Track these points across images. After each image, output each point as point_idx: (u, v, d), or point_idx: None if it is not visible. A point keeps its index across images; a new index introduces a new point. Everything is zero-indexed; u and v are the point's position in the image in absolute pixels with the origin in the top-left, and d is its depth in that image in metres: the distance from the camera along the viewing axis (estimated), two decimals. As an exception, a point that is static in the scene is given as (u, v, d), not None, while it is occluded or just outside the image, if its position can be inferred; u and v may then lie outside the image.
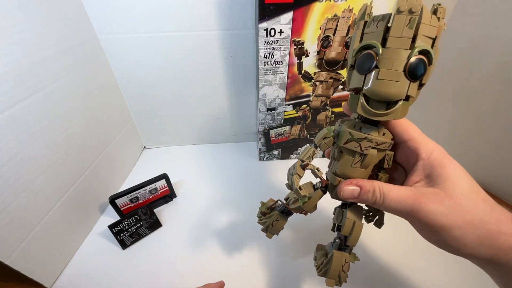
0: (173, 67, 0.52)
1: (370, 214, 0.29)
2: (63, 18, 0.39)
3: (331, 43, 0.44)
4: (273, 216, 0.31)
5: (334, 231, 0.29)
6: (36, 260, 0.34)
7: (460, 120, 0.53)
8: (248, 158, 0.63)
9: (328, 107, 0.53)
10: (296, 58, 0.46)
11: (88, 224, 0.45)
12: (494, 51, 0.45)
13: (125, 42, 0.48)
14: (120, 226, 0.40)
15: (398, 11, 0.18)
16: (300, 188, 0.26)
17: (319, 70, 0.47)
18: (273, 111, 0.53)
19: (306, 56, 0.45)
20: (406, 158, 0.25)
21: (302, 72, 0.47)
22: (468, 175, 0.22)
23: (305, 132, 0.57)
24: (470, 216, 0.20)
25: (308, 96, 0.51)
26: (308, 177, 0.28)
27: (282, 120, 0.54)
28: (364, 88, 0.20)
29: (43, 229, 0.35)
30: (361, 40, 0.21)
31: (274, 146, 0.59)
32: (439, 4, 0.19)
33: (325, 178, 0.27)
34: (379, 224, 0.28)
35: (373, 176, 0.27)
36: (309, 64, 0.47)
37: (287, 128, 0.56)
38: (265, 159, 0.61)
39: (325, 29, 0.43)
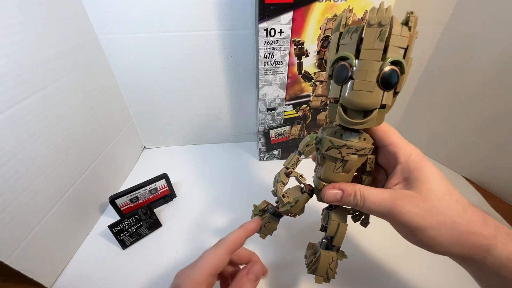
0: (173, 67, 0.52)
1: (357, 214, 0.30)
2: (63, 18, 0.39)
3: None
4: (265, 218, 0.32)
5: (322, 231, 0.30)
6: (36, 260, 0.34)
7: (460, 120, 0.53)
8: (248, 158, 0.63)
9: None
10: (296, 58, 0.46)
11: (88, 224, 0.45)
12: (494, 51, 0.45)
13: (125, 42, 0.48)
14: (120, 226, 0.40)
15: (369, 24, 0.19)
16: (283, 195, 0.27)
17: (319, 70, 0.47)
18: (273, 111, 0.53)
19: (306, 56, 0.46)
20: (386, 161, 0.26)
21: (302, 72, 0.47)
22: (443, 177, 0.23)
23: (305, 132, 0.57)
24: (443, 217, 0.21)
25: (308, 96, 0.51)
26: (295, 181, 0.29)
27: (282, 120, 0.54)
28: (341, 98, 0.22)
29: (43, 229, 0.35)
30: (337, 51, 0.22)
31: (274, 146, 0.59)
32: (412, 13, 0.20)
33: (308, 184, 0.28)
34: (365, 223, 0.29)
35: (358, 177, 0.28)
36: (309, 64, 0.47)
37: (287, 128, 0.56)
38: (265, 159, 0.61)
39: (325, 29, 0.43)
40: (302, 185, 0.29)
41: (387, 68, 0.19)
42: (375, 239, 0.41)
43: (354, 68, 0.20)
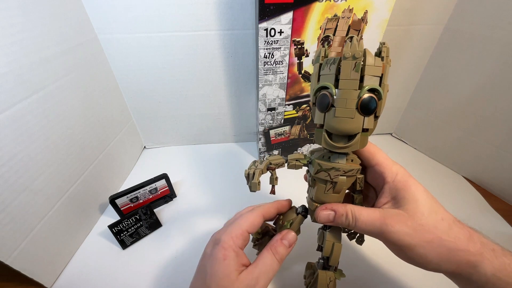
0: (173, 67, 0.52)
1: (352, 232, 0.31)
2: (63, 18, 0.39)
3: (331, 43, 0.44)
4: (265, 240, 0.32)
5: (319, 251, 0.30)
6: (36, 260, 0.34)
7: (460, 120, 0.53)
8: (248, 158, 0.63)
9: (328, 107, 0.53)
10: (296, 58, 0.46)
11: (88, 224, 0.45)
12: (494, 51, 0.45)
13: (125, 42, 0.48)
14: (120, 226, 0.40)
15: (344, 57, 0.21)
16: (259, 182, 0.28)
17: (319, 70, 0.47)
18: (273, 111, 0.53)
19: (306, 56, 0.46)
20: (375, 181, 0.27)
21: (302, 72, 0.47)
22: (429, 195, 0.24)
23: (305, 132, 0.57)
24: (430, 235, 0.22)
25: (308, 96, 0.51)
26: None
27: (282, 120, 0.54)
28: (325, 124, 0.23)
29: (43, 229, 0.35)
30: (318, 81, 0.23)
31: (274, 146, 0.59)
32: (384, 43, 0.22)
33: (275, 191, 0.30)
34: (360, 241, 0.30)
35: (350, 196, 0.29)
36: (309, 64, 0.47)
37: (287, 128, 0.56)
38: (265, 159, 0.61)
39: (325, 29, 0.43)
40: (299, 207, 0.30)
41: (365, 96, 0.21)
42: (375, 249, 0.40)
43: (335, 97, 0.22)
